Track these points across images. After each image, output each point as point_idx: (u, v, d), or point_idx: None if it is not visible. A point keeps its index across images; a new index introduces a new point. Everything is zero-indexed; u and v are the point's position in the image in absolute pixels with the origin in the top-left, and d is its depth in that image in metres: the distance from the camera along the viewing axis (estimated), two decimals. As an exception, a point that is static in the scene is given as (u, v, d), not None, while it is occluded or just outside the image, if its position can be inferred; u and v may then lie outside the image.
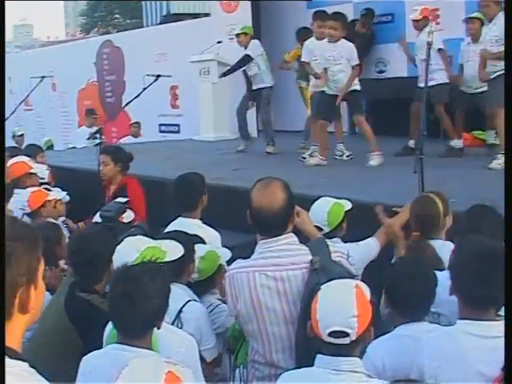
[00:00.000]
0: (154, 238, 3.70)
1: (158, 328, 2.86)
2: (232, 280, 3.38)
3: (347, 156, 8.31)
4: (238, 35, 9.78)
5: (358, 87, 7.85)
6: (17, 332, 1.94)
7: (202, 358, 3.46)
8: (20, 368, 1.89)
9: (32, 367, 1.94)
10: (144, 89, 8.46)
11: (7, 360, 1.89)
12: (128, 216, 5.00)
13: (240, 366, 3.68)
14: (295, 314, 3.19)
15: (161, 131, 14.20)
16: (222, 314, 3.94)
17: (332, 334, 2.60)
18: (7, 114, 12.65)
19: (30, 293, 1.90)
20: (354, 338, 2.61)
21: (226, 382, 3.94)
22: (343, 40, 7.81)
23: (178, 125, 13.83)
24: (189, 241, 3.89)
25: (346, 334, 2.60)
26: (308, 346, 3.11)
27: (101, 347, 3.08)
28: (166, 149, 10.59)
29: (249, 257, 3.42)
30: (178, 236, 3.86)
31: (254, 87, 9.65)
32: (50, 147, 12.71)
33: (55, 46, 21.46)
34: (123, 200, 5.23)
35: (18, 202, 5.47)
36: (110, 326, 3.19)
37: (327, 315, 2.64)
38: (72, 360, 3.31)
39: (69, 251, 3.98)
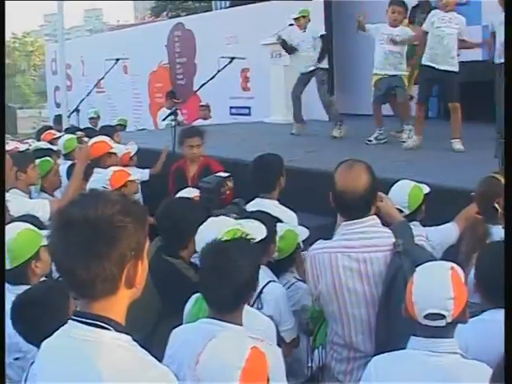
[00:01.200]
0: (237, 218, 3.74)
1: (249, 304, 2.89)
2: (314, 260, 3.38)
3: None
4: (297, 19, 9.69)
5: (454, 68, 7.53)
6: (122, 306, 1.99)
7: (281, 339, 3.49)
8: (125, 341, 1.94)
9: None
10: (218, 71, 8.51)
11: (113, 333, 1.94)
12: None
13: (319, 347, 3.70)
14: (376, 296, 3.19)
15: (231, 114, 14.24)
16: (299, 291, 3.97)
17: (428, 316, 2.59)
18: (80, 95, 12.92)
19: (137, 268, 1.95)
20: (449, 320, 2.60)
21: (300, 362, 3.96)
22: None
23: (248, 107, 13.85)
24: (271, 222, 3.91)
25: (442, 317, 2.58)
26: (388, 329, 3.11)
27: (179, 312, 3.13)
28: (237, 131, 10.62)
29: (328, 238, 3.44)
30: (261, 217, 3.89)
31: (309, 69, 9.58)
32: (124, 126, 12.85)
33: (126, 29, 21.67)
34: (224, 174, 5.32)
35: (99, 181, 5.56)
36: (192, 301, 3.24)
37: (423, 297, 2.62)
38: (149, 324, 3.39)
39: (157, 215, 4.06)
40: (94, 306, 1.93)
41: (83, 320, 1.93)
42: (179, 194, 4.92)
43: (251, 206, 4.55)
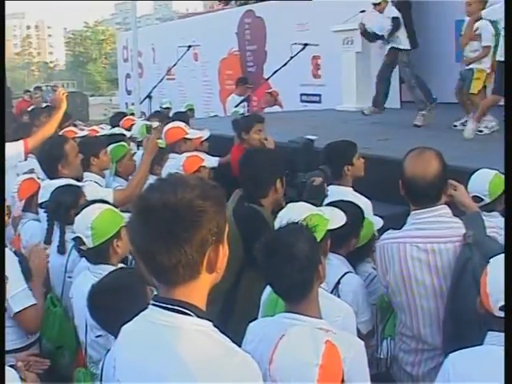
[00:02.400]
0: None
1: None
2: (382, 250, 3.34)
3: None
4: (377, 4, 9.52)
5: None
6: (203, 291, 1.97)
7: (357, 330, 3.44)
8: (206, 327, 1.92)
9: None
10: (291, 57, 8.50)
11: (195, 319, 1.91)
12: None
13: (387, 338, 3.65)
14: (445, 288, 3.13)
15: (302, 101, 14.19)
16: (380, 285, 3.90)
17: (503, 307, 2.48)
18: (151, 82, 13.06)
19: (218, 252, 1.92)
20: None
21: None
22: None
23: (319, 95, 13.77)
24: (357, 213, 3.87)
25: None
26: (456, 323, 3.04)
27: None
28: (307, 118, 10.56)
29: (399, 228, 3.37)
30: (347, 206, 3.84)
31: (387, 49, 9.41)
32: (192, 111, 12.89)
33: (197, 17, 21.78)
34: (313, 137, 5.44)
35: (174, 167, 5.58)
36: (268, 289, 3.20)
37: (498, 288, 2.50)
38: (233, 274, 3.39)
39: (239, 165, 4.14)
40: (175, 291, 1.91)
41: (164, 305, 1.92)
42: None
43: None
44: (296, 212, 3.38)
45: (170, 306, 1.91)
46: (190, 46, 11.84)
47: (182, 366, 1.81)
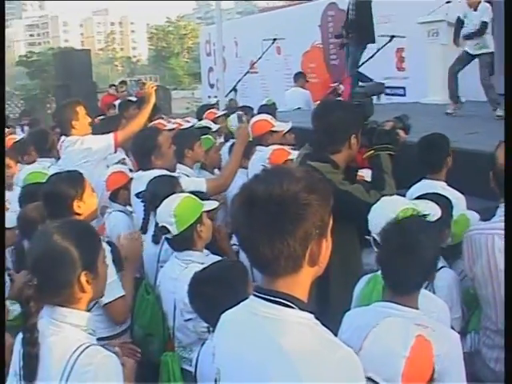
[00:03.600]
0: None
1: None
2: (470, 242, 3.30)
3: None
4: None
5: None
6: (305, 284, 1.98)
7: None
8: (309, 320, 1.93)
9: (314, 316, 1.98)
10: (378, 50, 8.43)
11: (297, 311, 1.92)
12: None
13: (471, 332, 3.59)
14: None
15: (386, 94, 14.01)
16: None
17: None
18: (234, 76, 13.14)
19: (321, 246, 1.93)
20: None
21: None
22: None
23: (403, 87, 13.59)
24: (447, 205, 3.81)
25: None
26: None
27: None
28: (392, 111, 10.41)
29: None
30: (436, 199, 3.79)
31: (475, 52, 9.22)
32: (272, 106, 12.88)
33: (279, 10, 21.76)
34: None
35: (260, 160, 5.61)
36: (364, 281, 3.19)
37: None
38: None
39: (312, 116, 3.98)
40: (278, 283, 1.93)
41: (266, 297, 1.93)
42: None
43: (418, 188, 4.46)
44: (390, 205, 3.35)
45: (272, 298, 1.92)
46: (274, 40, 11.85)
47: (283, 358, 1.83)
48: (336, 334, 2.11)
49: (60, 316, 2.49)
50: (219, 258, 4.22)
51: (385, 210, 3.28)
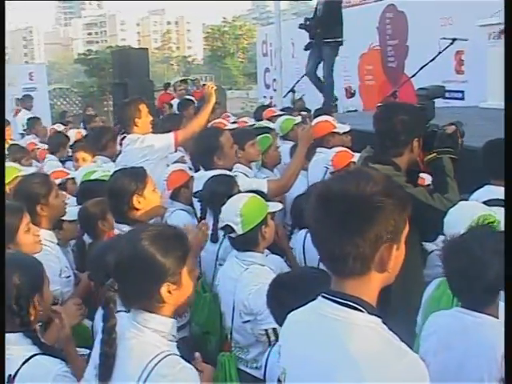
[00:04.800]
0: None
1: None
2: None
3: None
4: None
5: None
6: (374, 288, 1.97)
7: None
8: (377, 324, 1.93)
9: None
10: (439, 52, 8.33)
11: (366, 315, 1.92)
12: None
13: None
14: None
15: (444, 97, 13.85)
16: None
17: None
18: (291, 77, 13.15)
19: (392, 252, 1.92)
20: None
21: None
22: None
23: (462, 91, 13.40)
24: None
25: None
26: None
27: None
28: (450, 115, 10.30)
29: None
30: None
31: None
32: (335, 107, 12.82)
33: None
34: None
35: (322, 161, 5.62)
36: (434, 284, 3.16)
37: None
38: None
39: (374, 118, 3.95)
40: (347, 285, 1.94)
41: (335, 299, 1.94)
42: None
43: (482, 193, 4.40)
44: (469, 210, 3.30)
45: (341, 301, 1.93)
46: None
47: (351, 361, 1.83)
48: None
49: (142, 320, 2.48)
50: (279, 257, 4.24)
51: (463, 215, 3.24)
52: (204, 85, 7.52)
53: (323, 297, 1.99)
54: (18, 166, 5.93)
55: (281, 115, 8.11)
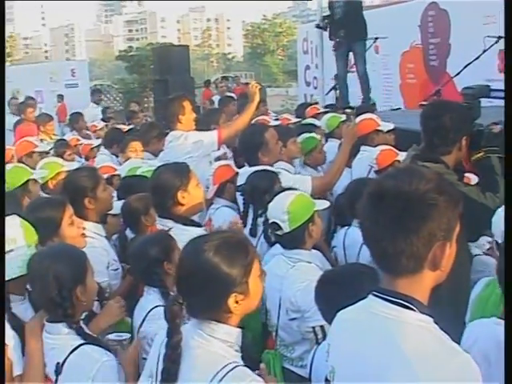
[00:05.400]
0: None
1: None
2: None
3: None
4: None
5: None
6: (426, 287, 1.96)
7: None
8: (428, 323, 1.92)
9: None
10: (484, 51, 8.23)
11: (417, 314, 1.90)
12: None
13: None
14: None
15: (488, 96, 13.69)
16: None
17: None
18: (331, 74, 13.08)
19: (445, 250, 1.90)
20: None
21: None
22: None
23: (503, 90, 13.21)
24: None
25: None
26: None
27: None
28: (493, 115, 10.18)
29: None
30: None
31: None
32: (372, 106, 12.75)
33: (379, 9, 21.54)
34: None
35: (367, 159, 5.59)
36: (481, 284, 3.12)
37: None
38: None
39: (422, 116, 3.95)
40: (398, 283, 1.93)
41: (386, 297, 1.94)
42: None
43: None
44: None
45: (393, 299, 1.92)
46: (376, 38, 11.72)
47: (402, 360, 1.83)
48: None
49: (208, 329, 2.39)
50: (319, 252, 4.21)
51: None
52: (247, 83, 7.54)
53: (374, 295, 1.98)
54: (61, 161, 6.00)
55: (325, 112, 8.10)
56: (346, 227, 4.80)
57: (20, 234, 3.21)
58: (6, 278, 3.09)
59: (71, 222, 3.77)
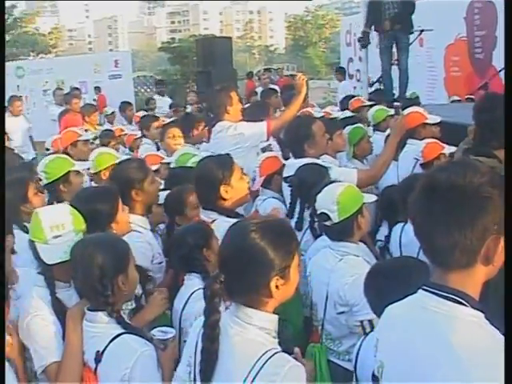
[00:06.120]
0: None
1: None
2: None
3: None
4: None
5: None
6: (477, 281, 1.93)
7: None
8: (480, 318, 1.89)
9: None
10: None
11: (469, 309, 1.88)
12: None
13: None
14: None
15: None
16: None
17: None
18: (374, 67, 12.97)
19: (498, 244, 1.87)
20: None
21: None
22: None
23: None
24: None
25: None
26: None
27: None
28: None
29: None
30: None
31: None
32: (416, 99, 12.64)
33: (423, 1, 21.32)
34: None
35: (413, 152, 5.56)
36: None
37: None
38: None
39: (475, 108, 3.89)
40: (450, 278, 1.90)
41: (437, 292, 1.91)
42: None
43: None
44: None
45: (444, 294, 1.90)
46: (422, 31, 11.57)
47: (454, 355, 1.80)
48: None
49: (246, 316, 2.40)
50: (363, 244, 4.17)
51: None
52: (292, 75, 7.54)
53: (425, 290, 1.96)
54: (115, 153, 6.01)
55: (370, 105, 8.05)
56: (402, 223, 4.71)
57: (69, 221, 3.25)
58: (51, 263, 3.15)
59: (123, 209, 3.83)
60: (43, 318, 3.08)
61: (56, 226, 3.19)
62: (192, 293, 3.46)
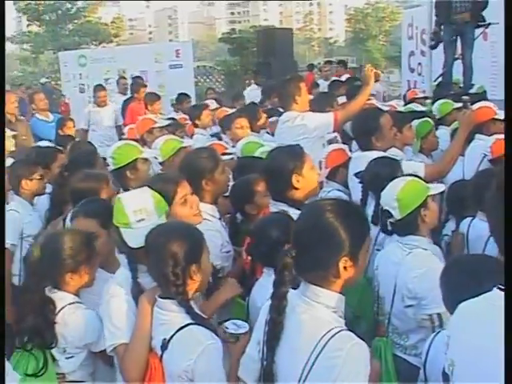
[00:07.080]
0: None
1: None
2: None
3: None
4: None
5: None
6: None
7: None
8: None
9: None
10: None
11: None
12: None
13: None
14: None
15: None
16: None
17: None
18: (438, 61, 12.81)
19: None
20: None
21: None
22: None
23: None
24: None
25: None
26: None
27: None
28: None
29: None
30: None
31: None
32: (483, 94, 12.42)
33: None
34: None
35: (481, 147, 5.48)
36: None
37: None
38: None
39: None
40: None
41: None
42: None
43: None
44: None
45: None
46: (489, 24, 11.33)
47: None
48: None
49: (313, 295, 2.46)
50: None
51: None
52: (360, 66, 7.51)
53: (500, 289, 1.94)
54: (179, 139, 6.07)
55: (425, 98, 7.97)
56: (470, 218, 4.65)
57: (151, 204, 3.30)
58: (136, 246, 3.18)
59: (184, 201, 3.74)
60: (122, 299, 3.15)
61: (139, 210, 3.25)
62: None
